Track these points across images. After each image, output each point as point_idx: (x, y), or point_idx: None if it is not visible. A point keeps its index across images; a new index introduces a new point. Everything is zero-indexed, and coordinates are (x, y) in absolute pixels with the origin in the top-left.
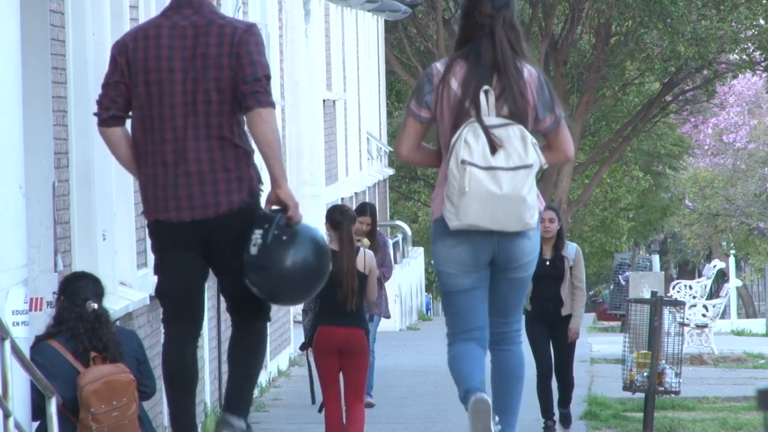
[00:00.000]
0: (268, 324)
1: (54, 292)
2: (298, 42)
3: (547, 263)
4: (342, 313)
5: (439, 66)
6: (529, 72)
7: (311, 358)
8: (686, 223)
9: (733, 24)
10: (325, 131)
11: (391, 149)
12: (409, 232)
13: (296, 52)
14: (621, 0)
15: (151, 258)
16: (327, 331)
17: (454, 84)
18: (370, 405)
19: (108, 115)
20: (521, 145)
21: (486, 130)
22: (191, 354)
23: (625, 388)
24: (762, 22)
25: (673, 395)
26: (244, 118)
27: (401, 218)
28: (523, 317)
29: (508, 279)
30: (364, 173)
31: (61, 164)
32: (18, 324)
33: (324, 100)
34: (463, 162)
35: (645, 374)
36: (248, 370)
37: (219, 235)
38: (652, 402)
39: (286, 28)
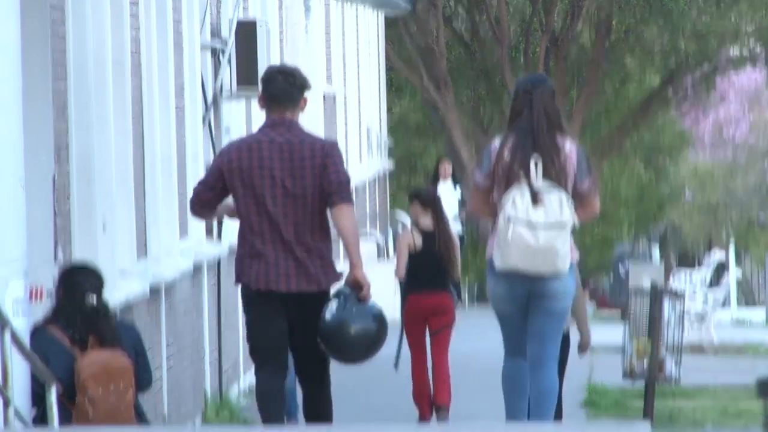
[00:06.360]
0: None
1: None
2: (299, 38)
3: None
4: (428, 281)
5: (496, 143)
6: (570, 146)
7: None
8: (686, 213)
9: (734, 19)
10: (325, 125)
11: (391, 145)
12: (408, 223)
13: (296, 48)
14: None
15: (150, 251)
16: (416, 299)
17: (506, 154)
18: None
19: (203, 211)
20: (558, 207)
21: (532, 192)
22: (279, 389)
23: (625, 377)
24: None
25: (673, 384)
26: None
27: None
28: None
29: (543, 308)
30: (364, 167)
31: (62, 157)
32: (18, 314)
33: (324, 95)
34: (509, 218)
35: (645, 363)
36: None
37: (303, 307)
38: (653, 390)
39: (286, 25)
